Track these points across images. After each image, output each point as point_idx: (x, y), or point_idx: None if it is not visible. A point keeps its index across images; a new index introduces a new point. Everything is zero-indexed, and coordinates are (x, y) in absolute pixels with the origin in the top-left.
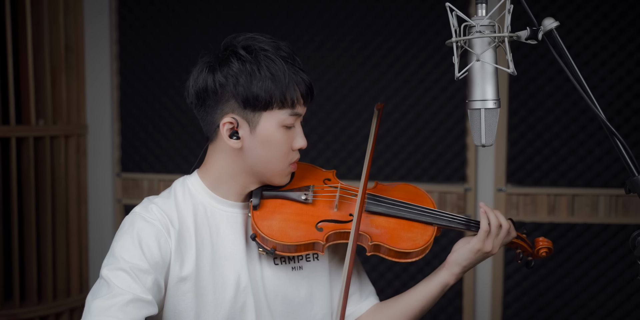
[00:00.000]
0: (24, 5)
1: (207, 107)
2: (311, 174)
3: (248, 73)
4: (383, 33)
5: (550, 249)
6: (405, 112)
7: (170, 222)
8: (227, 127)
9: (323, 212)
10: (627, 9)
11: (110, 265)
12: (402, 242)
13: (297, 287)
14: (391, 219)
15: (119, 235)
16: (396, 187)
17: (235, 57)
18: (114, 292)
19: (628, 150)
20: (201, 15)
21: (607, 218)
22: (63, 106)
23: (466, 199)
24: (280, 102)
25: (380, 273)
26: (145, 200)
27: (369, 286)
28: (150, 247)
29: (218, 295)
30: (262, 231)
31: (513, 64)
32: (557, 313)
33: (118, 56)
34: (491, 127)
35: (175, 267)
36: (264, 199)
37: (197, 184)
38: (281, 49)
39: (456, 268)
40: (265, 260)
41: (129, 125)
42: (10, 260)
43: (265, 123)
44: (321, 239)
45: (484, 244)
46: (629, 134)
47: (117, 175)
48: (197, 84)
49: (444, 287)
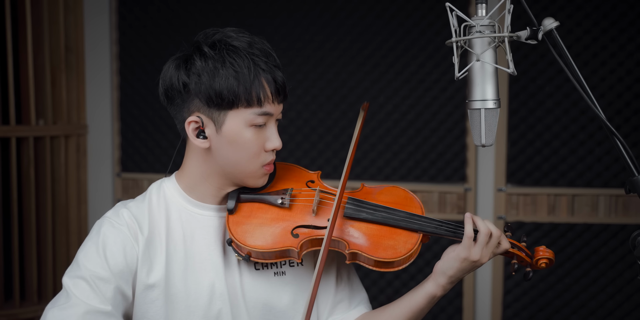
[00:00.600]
0: (24, 5)
1: (175, 105)
2: (294, 176)
3: (210, 70)
4: (383, 33)
5: (551, 261)
6: (405, 112)
7: (139, 227)
8: (193, 126)
9: (300, 218)
10: (627, 9)
11: (72, 273)
12: (382, 251)
13: (279, 293)
14: (372, 225)
15: (86, 241)
16: (383, 190)
17: (199, 54)
18: (71, 302)
19: (628, 150)
20: (201, 15)
21: (607, 218)
22: (63, 106)
23: (466, 199)
24: (246, 100)
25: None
26: (119, 204)
27: (360, 293)
28: (115, 255)
29: (190, 303)
30: (236, 237)
31: (513, 64)
32: (557, 313)
33: (118, 56)
34: (491, 127)
35: (142, 274)
36: (240, 202)
37: (173, 188)
38: (254, 46)
39: (442, 278)
40: (245, 265)
41: (129, 125)
42: (10, 260)
43: (231, 122)
44: (295, 246)
45: (471, 252)
46: (629, 134)
47: (117, 175)
48: (164, 82)
49: (430, 299)
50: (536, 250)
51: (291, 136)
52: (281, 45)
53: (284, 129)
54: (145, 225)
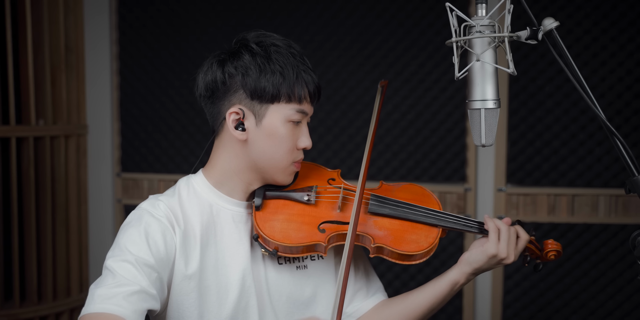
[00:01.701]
0: (24, 5)
1: (215, 98)
2: (315, 174)
3: (258, 65)
4: (383, 33)
5: (560, 252)
6: (405, 112)
7: (175, 219)
8: (233, 117)
9: (326, 213)
10: (627, 9)
11: (116, 257)
12: (406, 245)
13: (302, 286)
14: (395, 220)
15: (126, 228)
16: (401, 187)
17: (247, 49)
18: (120, 282)
19: (628, 150)
20: (201, 15)
21: (607, 218)
22: (63, 106)
23: (466, 199)
24: (288, 96)
25: (380, 273)
26: (151, 197)
27: (376, 282)
28: (157, 243)
29: (221, 295)
30: (264, 232)
31: (513, 64)
32: (557, 313)
33: (118, 56)
34: (491, 127)
35: (180, 265)
36: (266, 199)
37: (202, 183)
38: (292, 47)
39: (467, 267)
40: (269, 259)
41: (129, 125)
42: (10, 260)
43: (271, 116)
44: (323, 241)
45: (498, 248)
46: (629, 134)
47: (117, 175)
48: (206, 76)
49: (453, 286)
50: (545, 243)
51: None
52: None
53: None
54: (180, 218)
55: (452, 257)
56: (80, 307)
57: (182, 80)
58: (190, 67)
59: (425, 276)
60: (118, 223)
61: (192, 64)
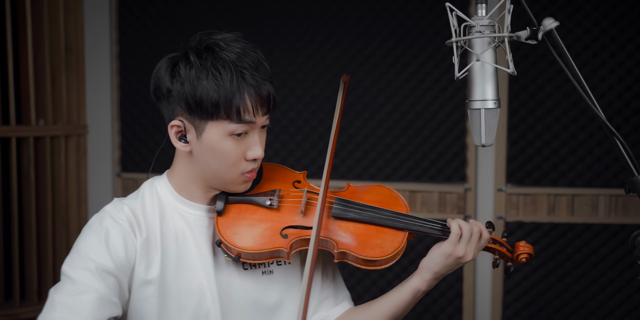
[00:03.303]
0: (24, 5)
1: (163, 105)
2: (280, 177)
3: (192, 80)
4: (383, 33)
5: (531, 255)
6: (405, 112)
7: (137, 224)
8: (175, 130)
9: (288, 218)
10: (627, 9)
11: (74, 264)
12: (370, 250)
13: (267, 292)
14: (360, 224)
15: (86, 232)
16: (368, 189)
17: (185, 61)
18: (80, 289)
19: (628, 150)
20: (201, 15)
21: (607, 218)
22: (63, 106)
23: (466, 199)
24: (225, 113)
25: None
26: (115, 200)
27: (343, 291)
28: (117, 248)
29: (181, 301)
30: (225, 238)
31: (513, 64)
32: (557, 313)
33: (118, 56)
34: (491, 127)
35: (139, 270)
36: (228, 203)
37: (165, 186)
38: (243, 58)
39: (427, 273)
40: (233, 265)
41: (129, 125)
42: (10, 260)
43: (210, 132)
44: (285, 247)
45: (456, 248)
46: (629, 134)
47: (117, 175)
48: (155, 82)
49: (415, 293)
50: (516, 245)
51: (291, 136)
52: (281, 45)
53: (284, 129)
54: (142, 222)
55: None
56: None
57: None
58: None
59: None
60: None
61: None
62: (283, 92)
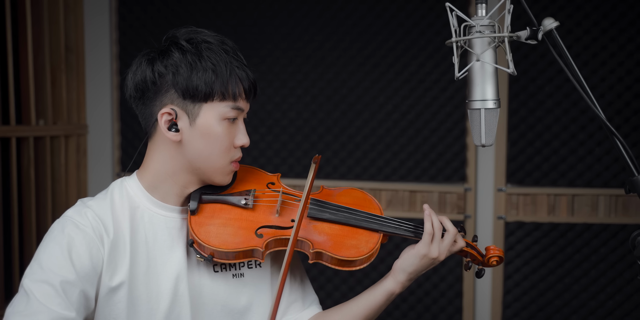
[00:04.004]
0: (24, 5)
1: (146, 99)
2: (254, 178)
3: (189, 63)
4: (383, 33)
5: (501, 258)
6: (405, 112)
7: (104, 228)
8: (166, 118)
9: (264, 218)
10: (627, 9)
11: (34, 275)
12: (345, 250)
13: (237, 295)
14: (335, 225)
15: (47, 241)
16: (342, 192)
17: (177, 47)
18: (34, 309)
19: (628, 150)
20: (201, 15)
21: (607, 218)
22: (63, 106)
23: (466, 199)
24: (221, 93)
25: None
26: (79, 202)
27: (312, 294)
28: (81, 257)
29: (152, 305)
30: (199, 237)
31: (513, 64)
32: (557, 313)
33: (118, 56)
34: (491, 127)
35: (105, 278)
36: (202, 203)
37: (135, 186)
38: (225, 43)
39: (401, 275)
40: (204, 267)
41: (129, 125)
42: (10, 260)
43: (205, 115)
44: (260, 246)
45: (430, 248)
46: (629, 134)
47: (117, 175)
48: (135, 76)
49: (389, 296)
50: (487, 249)
51: (291, 136)
52: (281, 45)
53: (284, 129)
54: (110, 226)
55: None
56: None
57: None
58: None
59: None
60: None
61: None
62: (283, 92)
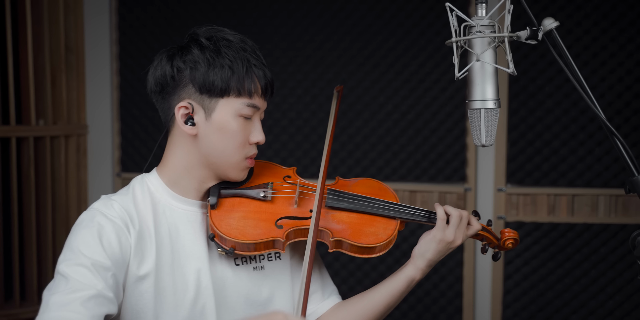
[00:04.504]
0: (24, 5)
1: (165, 94)
2: (270, 172)
3: (207, 59)
4: (383, 33)
5: (517, 240)
6: (405, 112)
7: (130, 220)
8: (182, 112)
9: (282, 209)
10: (627, 9)
11: (69, 261)
12: (364, 237)
13: (259, 287)
14: (353, 214)
15: (77, 229)
16: (358, 182)
17: (196, 44)
18: (74, 287)
19: (628, 150)
20: (201, 15)
21: (607, 218)
22: (63, 106)
23: (466, 199)
24: (237, 90)
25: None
26: (103, 197)
27: (331, 285)
28: (112, 244)
29: (178, 297)
30: (220, 230)
31: (513, 64)
32: (557, 313)
33: (118, 56)
34: (491, 127)
35: (133, 266)
36: (221, 197)
37: (156, 182)
38: (245, 43)
39: (420, 261)
40: (225, 260)
41: (129, 125)
42: (10, 260)
43: (221, 110)
44: (281, 237)
45: (445, 233)
46: (629, 134)
47: (117, 175)
48: (156, 71)
49: (409, 282)
50: (502, 232)
51: (291, 136)
52: (281, 45)
53: (284, 129)
54: (135, 218)
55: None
56: None
57: None
58: None
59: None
60: None
61: None
62: (283, 92)
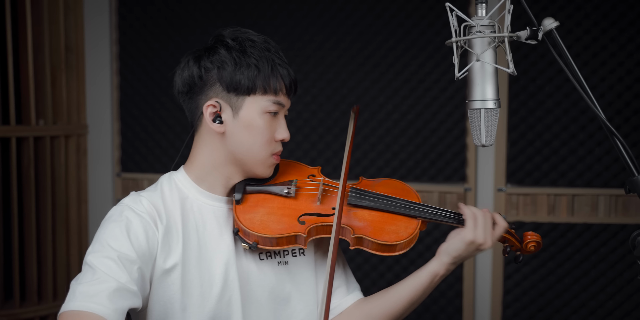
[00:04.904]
0: (24, 5)
1: (193, 93)
2: (295, 170)
3: (233, 59)
4: (383, 33)
5: (539, 243)
6: (405, 112)
7: (158, 215)
8: (211, 110)
9: (305, 206)
10: (627, 9)
11: (97, 253)
12: (385, 235)
13: (283, 282)
14: (374, 212)
15: (107, 222)
16: (381, 182)
17: (222, 44)
18: (100, 279)
19: (628, 150)
20: (201, 15)
21: (607, 218)
22: (63, 106)
23: (466, 199)
24: (263, 88)
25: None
26: (132, 193)
27: (354, 282)
28: (139, 238)
29: (205, 290)
30: (244, 224)
31: (513, 64)
32: (557, 313)
33: (118, 56)
34: (491, 127)
35: (160, 260)
36: (246, 193)
37: (184, 179)
38: (268, 42)
39: (445, 257)
40: (250, 255)
41: (129, 125)
42: (10, 260)
43: (248, 108)
44: (303, 232)
45: (475, 233)
46: (629, 134)
47: (117, 175)
48: (183, 73)
49: (433, 277)
50: (525, 234)
51: (291, 136)
52: (281, 45)
53: None
54: (163, 213)
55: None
56: None
57: None
58: None
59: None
60: None
61: None
62: None
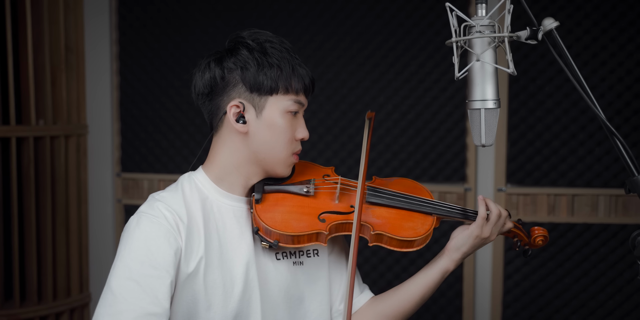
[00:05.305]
0: (24, 5)
1: (214, 95)
2: (310, 170)
3: (255, 59)
4: (383, 33)
5: (546, 237)
6: (405, 112)
7: (178, 217)
8: (234, 110)
9: (325, 204)
10: (627, 9)
11: (118, 273)
12: (404, 231)
13: (298, 281)
14: (391, 209)
15: (125, 239)
16: (394, 181)
17: (243, 45)
18: (120, 308)
19: (628, 150)
20: (201, 15)
21: (607, 218)
22: (63, 106)
23: (466, 199)
24: (285, 88)
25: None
26: (150, 197)
27: (363, 282)
28: (161, 249)
29: (227, 290)
30: (265, 222)
31: (513, 64)
32: (557, 313)
33: (118, 56)
34: (491, 127)
35: (183, 265)
36: (266, 193)
37: (203, 179)
38: (285, 43)
39: (456, 254)
40: (268, 255)
41: (129, 125)
42: (10, 260)
43: (271, 108)
44: (324, 229)
45: (482, 230)
46: (629, 134)
47: (117, 175)
48: (204, 74)
49: (444, 273)
50: (532, 229)
51: None
52: None
53: None
54: (184, 213)
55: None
56: (80, 307)
57: (182, 80)
58: (190, 67)
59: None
60: (118, 223)
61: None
62: None
